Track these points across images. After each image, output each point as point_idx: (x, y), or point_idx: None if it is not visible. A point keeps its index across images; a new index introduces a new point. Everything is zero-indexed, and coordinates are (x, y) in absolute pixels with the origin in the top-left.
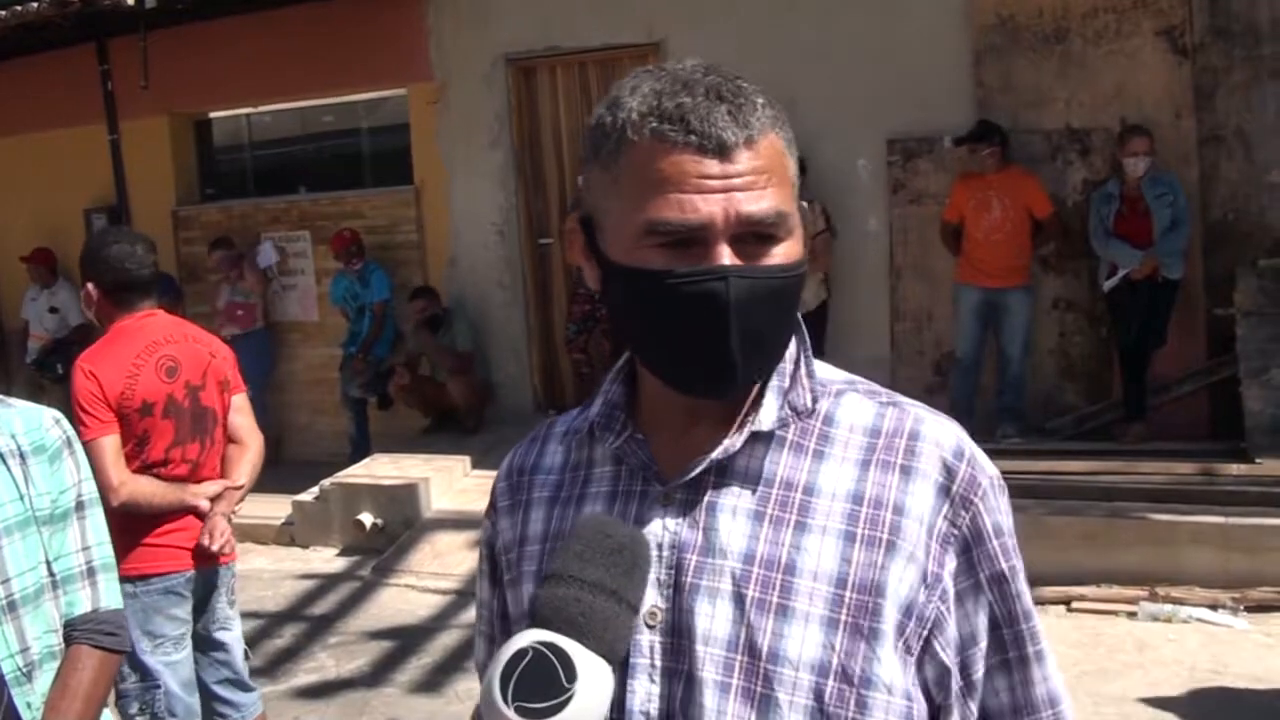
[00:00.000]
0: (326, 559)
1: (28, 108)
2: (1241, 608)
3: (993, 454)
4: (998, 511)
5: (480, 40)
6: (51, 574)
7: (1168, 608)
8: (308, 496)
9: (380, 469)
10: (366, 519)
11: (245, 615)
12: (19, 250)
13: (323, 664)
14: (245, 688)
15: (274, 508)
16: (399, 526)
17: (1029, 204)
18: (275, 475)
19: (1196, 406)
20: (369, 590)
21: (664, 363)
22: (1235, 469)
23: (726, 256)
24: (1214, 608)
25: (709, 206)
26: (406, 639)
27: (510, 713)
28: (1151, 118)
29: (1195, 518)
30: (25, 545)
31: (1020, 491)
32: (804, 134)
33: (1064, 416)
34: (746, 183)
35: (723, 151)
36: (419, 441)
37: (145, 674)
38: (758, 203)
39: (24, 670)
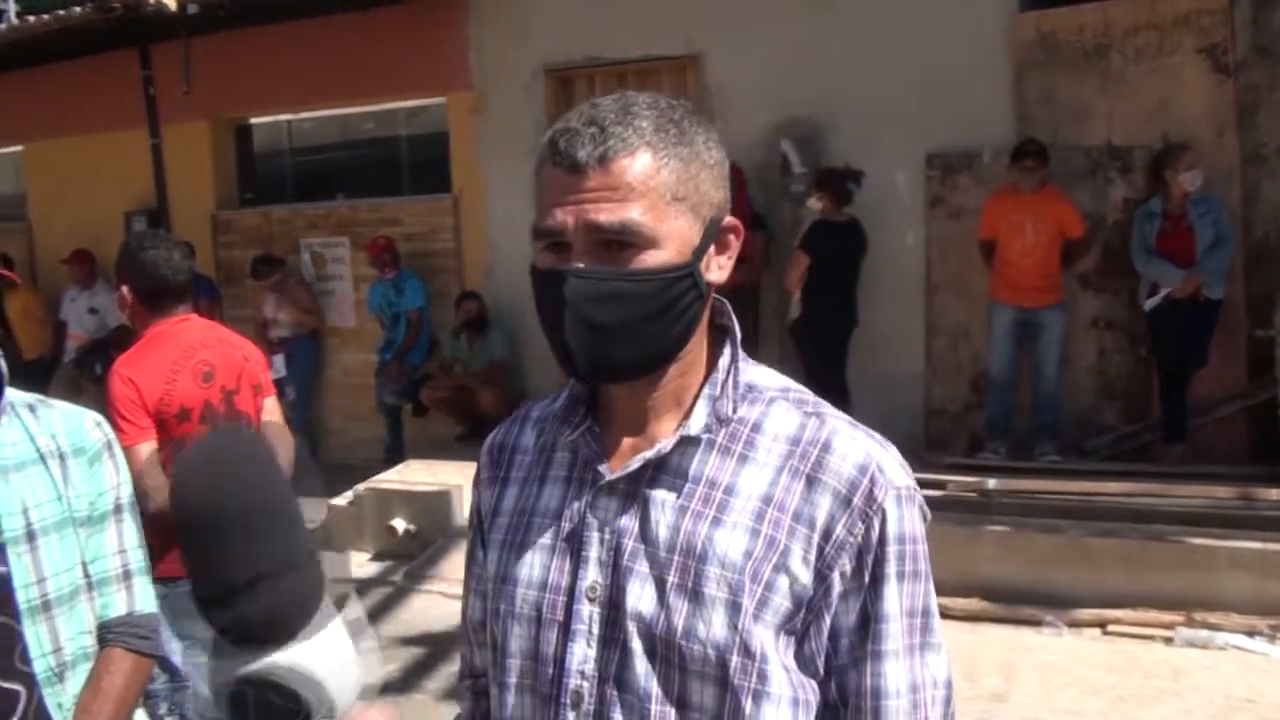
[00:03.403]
0: (359, 563)
1: (70, 111)
2: (1278, 635)
3: (1030, 473)
4: (900, 520)
5: (520, 51)
6: (87, 576)
7: (1204, 633)
8: (342, 501)
9: (414, 475)
10: (399, 524)
11: None
12: (60, 251)
13: None
14: None
15: (308, 510)
16: (432, 532)
17: (1062, 224)
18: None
19: (1236, 429)
20: (401, 596)
21: (550, 345)
22: (1275, 494)
23: (579, 259)
24: (1250, 634)
25: (564, 215)
26: (437, 646)
27: None
28: (1193, 135)
29: (1233, 543)
30: (62, 546)
31: (1057, 512)
32: (843, 147)
33: (1102, 437)
34: (598, 196)
35: (576, 169)
36: (452, 448)
37: (175, 674)
38: (606, 214)
39: (56, 671)
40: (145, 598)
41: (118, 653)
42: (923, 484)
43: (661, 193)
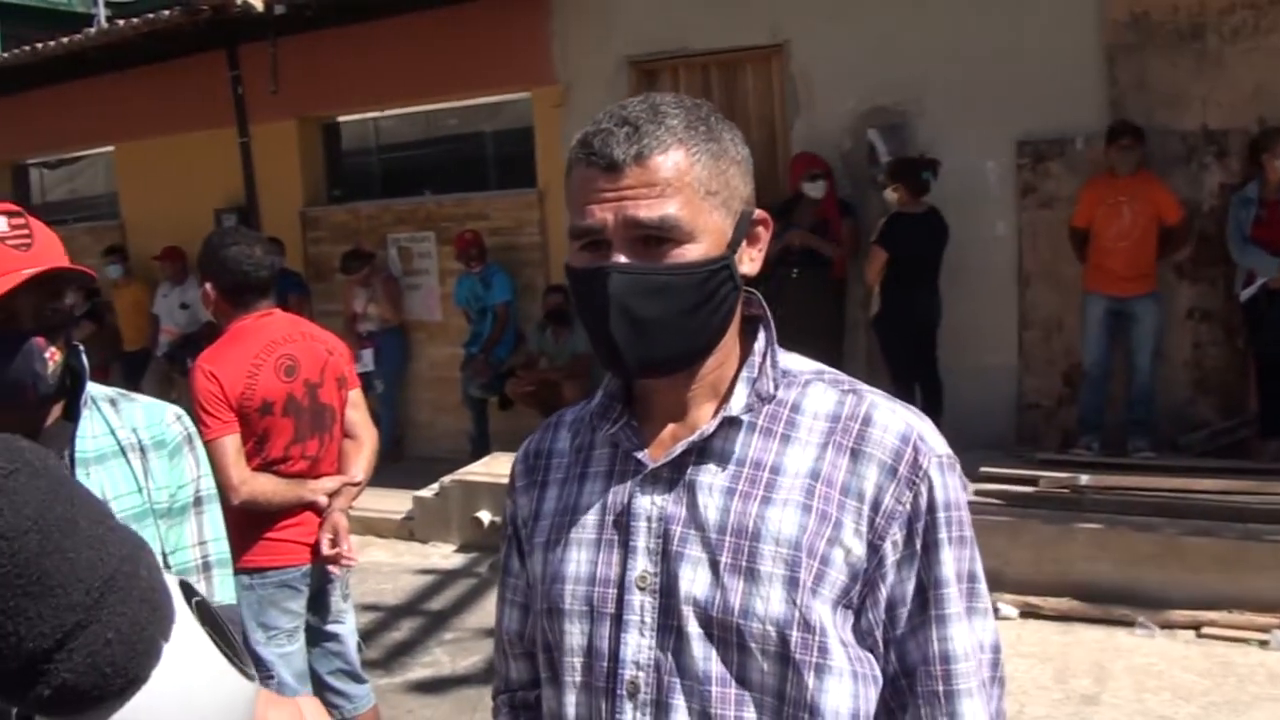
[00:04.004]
0: (445, 555)
1: (161, 112)
2: None
3: (1124, 469)
4: (945, 487)
5: (603, 43)
6: (167, 567)
7: None
8: (428, 493)
9: (499, 467)
10: (485, 516)
11: (364, 607)
12: (152, 249)
13: (438, 659)
14: (358, 679)
15: (395, 502)
16: None
17: (1159, 209)
18: (396, 471)
19: None
20: (486, 588)
21: (592, 347)
22: None
23: (618, 256)
24: None
25: (603, 213)
26: None
27: None
28: None
29: None
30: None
31: (1151, 510)
32: (931, 135)
33: (1197, 432)
34: (635, 193)
35: (613, 167)
36: None
37: (259, 664)
38: (646, 210)
39: None
40: (225, 589)
41: None
42: (1014, 480)
43: (696, 188)
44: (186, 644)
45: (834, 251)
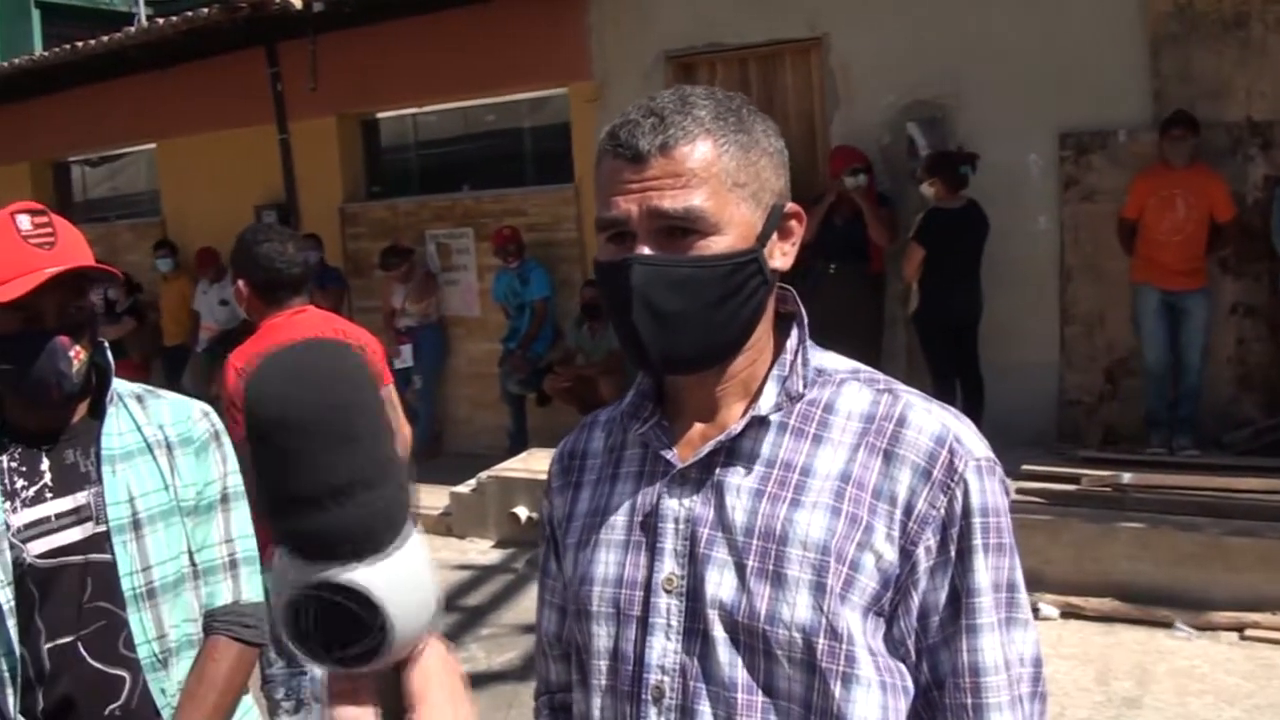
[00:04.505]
0: (482, 550)
1: (201, 109)
2: None
3: (1167, 468)
4: (983, 492)
5: (640, 38)
6: (193, 564)
7: None
8: (465, 488)
9: (537, 463)
10: (522, 512)
11: None
12: (193, 245)
13: (474, 655)
14: None
15: (432, 498)
16: None
17: (1212, 205)
18: (434, 466)
19: None
20: (523, 584)
21: (618, 341)
22: None
23: (642, 248)
24: None
25: (627, 204)
26: None
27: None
28: None
29: None
30: (168, 535)
31: (1194, 509)
32: (972, 128)
33: (1241, 430)
34: (660, 184)
35: (638, 158)
36: None
37: (292, 660)
38: (670, 201)
39: (160, 657)
40: (252, 586)
41: (222, 641)
42: (1055, 478)
43: (723, 179)
44: (416, 548)
45: (878, 234)
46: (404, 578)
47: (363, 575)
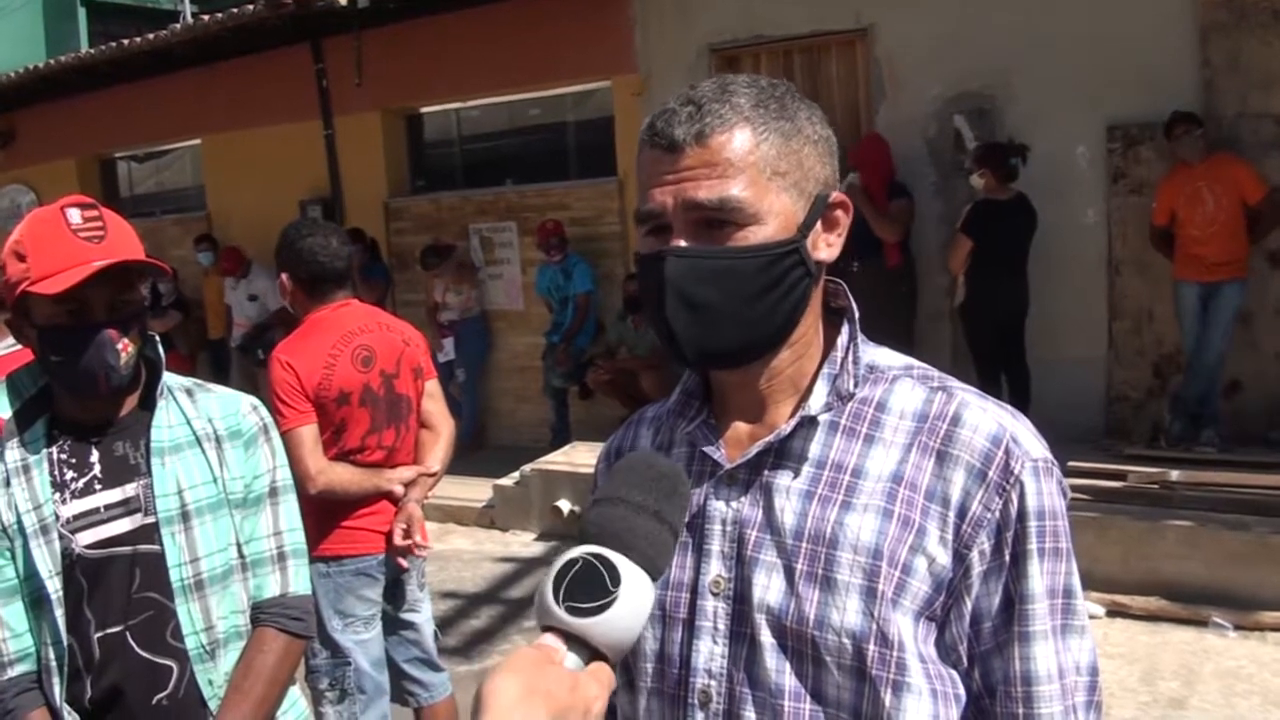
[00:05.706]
0: (525, 543)
1: (247, 105)
2: None
3: (1214, 465)
4: (1039, 494)
5: (684, 31)
6: (241, 556)
7: None
8: (508, 481)
9: (579, 457)
10: (564, 505)
11: (444, 595)
12: (239, 237)
13: (517, 647)
14: (435, 667)
15: (476, 491)
16: None
17: (1240, 190)
18: (478, 459)
19: None
20: None
21: (656, 335)
22: None
23: (678, 240)
24: None
25: (663, 195)
26: None
27: (560, 612)
28: None
29: None
30: (216, 527)
31: (1242, 507)
32: (1019, 120)
33: None
34: (695, 174)
35: (673, 148)
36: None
37: (336, 651)
38: (705, 191)
39: (207, 648)
40: (300, 579)
41: (270, 633)
42: (1102, 475)
43: (761, 168)
44: (646, 584)
45: (880, 229)
46: (640, 581)
47: (624, 563)
